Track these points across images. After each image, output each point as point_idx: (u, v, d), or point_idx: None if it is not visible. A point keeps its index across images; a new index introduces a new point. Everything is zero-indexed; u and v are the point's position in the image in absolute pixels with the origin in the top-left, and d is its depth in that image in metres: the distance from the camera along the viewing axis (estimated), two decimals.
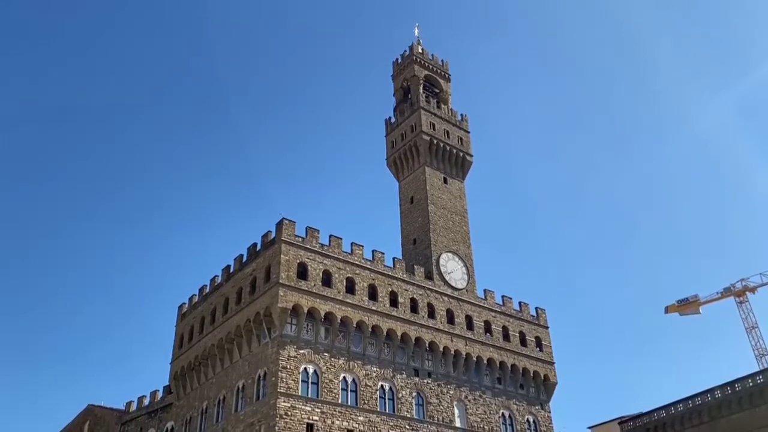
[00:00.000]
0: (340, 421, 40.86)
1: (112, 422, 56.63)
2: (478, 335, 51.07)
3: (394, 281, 47.96)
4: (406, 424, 44.00)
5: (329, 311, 43.13)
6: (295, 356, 41.09)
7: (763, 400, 38.32)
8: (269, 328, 42.02)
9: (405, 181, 60.05)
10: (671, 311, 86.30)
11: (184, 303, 54.58)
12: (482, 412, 48.91)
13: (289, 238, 43.57)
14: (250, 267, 45.73)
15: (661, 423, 43.25)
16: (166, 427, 50.77)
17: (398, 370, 45.74)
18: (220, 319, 47.19)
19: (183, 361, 50.63)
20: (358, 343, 44.49)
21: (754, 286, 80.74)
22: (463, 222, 57.82)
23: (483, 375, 50.46)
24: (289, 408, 39.08)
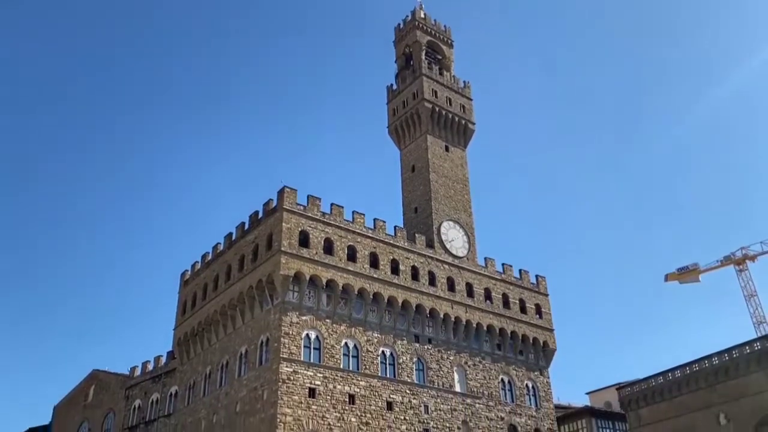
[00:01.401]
0: (341, 386, 41.52)
1: (117, 387, 57.60)
2: (479, 302, 51.51)
3: (396, 249, 48.20)
4: (407, 388, 44.70)
5: (331, 278, 43.47)
6: (298, 322, 41.57)
7: (759, 366, 38.82)
8: (271, 295, 42.42)
9: (407, 150, 59.84)
10: (671, 279, 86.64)
11: (186, 270, 55.01)
12: (482, 377, 49.61)
13: (290, 206, 43.67)
14: (252, 235, 45.94)
15: (659, 389, 43.86)
16: (169, 391, 51.64)
17: (399, 336, 46.28)
18: (222, 286, 47.61)
19: (186, 327, 51.25)
20: (360, 309, 44.93)
21: (754, 254, 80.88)
22: (464, 190, 57.80)
23: (483, 341, 51.05)
24: (292, 373, 39.68)
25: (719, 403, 39.84)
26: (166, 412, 50.84)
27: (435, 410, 45.36)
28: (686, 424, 41.78)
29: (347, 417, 40.77)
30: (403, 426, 43.12)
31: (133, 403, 54.59)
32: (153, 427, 51.35)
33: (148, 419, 52.43)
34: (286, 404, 38.56)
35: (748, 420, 38.27)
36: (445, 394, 46.60)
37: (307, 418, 39.01)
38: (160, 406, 51.90)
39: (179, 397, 50.24)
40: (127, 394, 55.59)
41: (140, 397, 54.27)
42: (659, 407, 43.38)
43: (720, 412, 39.64)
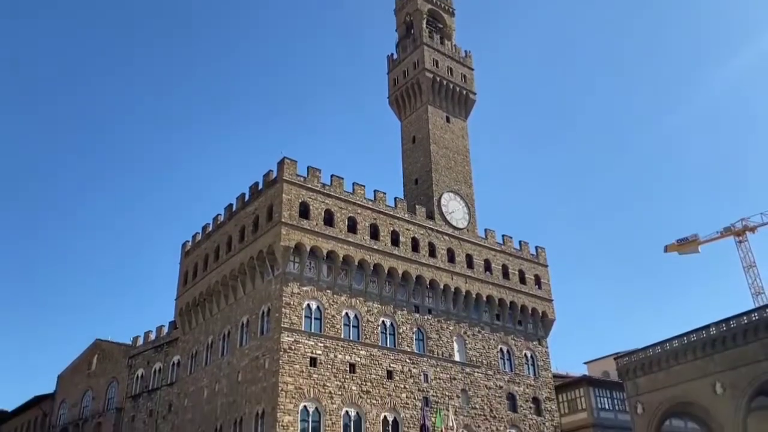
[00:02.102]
0: (342, 355, 41.98)
1: (120, 356, 58.23)
2: (478, 273, 51.78)
3: (396, 221, 48.26)
4: (407, 357, 45.20)
5: (331, 250, 43.63)
6: (298, 293, 41.84)
7: (756, 336, 39.14)
8: (272, 266, 42.62)
9: (407, 120, 59.48)
10: (670, 250, 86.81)
11: (187, 241, 55.19)
12: (481, 347, 50.12)
13: (290, 177, 43.61)
14: (252, 206, 45.97)
15: (656, 358, 44.29)
16: (172, 360, 52.22)
17: (399, 306, 46.63)
18: (223, 257, 47.81)
19: (188, 297, 51.60)
20: (360, 280, 45.19)
21: (755, 225, 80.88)
22: (464, 162, 57.63)
23: (482, 311, 51.45)
24: (293, 342, 40.09)
25: (716, 372, 40.29)
26: (168, 381, 51.49)
27: (434, 379, 45.93)
28: (683, 392, 42.32)
29: (348, 385, 41.31)
30: (403, 394, 43.71)
31: (136, 372, 55.26)
32: (156, 395, 52.08)
33: (150, 388, 53.14)
34: (288, 373, 39.03)
35: (744, 388, 38.75)
36: (445, 363, 47.14)
37: (308, 387, 39.53)
38: (163, 375, 52.55)
39: (182, 366, 50.85)
40: (129, 363, 56.23)
41: (143, 366, 54.90)
42: (656, 376, 43.88)
43: (716, 381, 40.11)
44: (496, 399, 48.84)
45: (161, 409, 50.82)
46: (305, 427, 38.66)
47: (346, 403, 40.80)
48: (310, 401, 39.33)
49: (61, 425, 61.13)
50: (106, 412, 56.30)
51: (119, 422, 54.12)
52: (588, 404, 53.21)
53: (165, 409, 50.35)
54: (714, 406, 40.73)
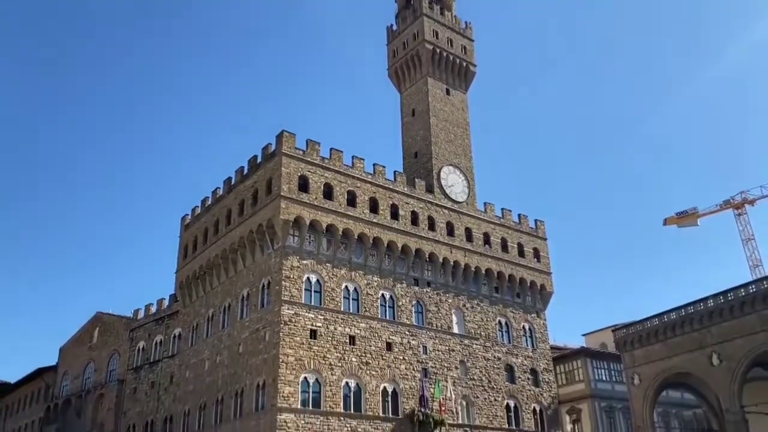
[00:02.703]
0: (342, 327, 42.29)
1: (121, 329, 58.64)
2: (477, 246, 51.90)
3: (395, 194, 48.21)
4: (406, 330, 45.54)
5: (331, 223, 43.66)
6: (298, 266, 41.98)
7: (753, 308, 39.34)
8: (272, 240, 42.68)
9: (407, 93, 59.00)
10: (669, 223, 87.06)
11: (186, 214, 55.18)
12: (479, 319, 50.47)
13: (289, 150, 43.42)
14: (251, 179, 45.86)
15: (653, 330, 44.61)
16: (173, 333, 52.60)
17: (398, 279, 46.83)
18: (223, 231, 47.85)
19: (188, 270, 51.77)
20: (360, 254, 45.30)
21: (754, 198, 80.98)
22: (464, 135, 57.32)
23: (481, 284, 51.69)
24: (293, 315, 40.35)
25: (712, 343, 40.61)
26: (170, 353, 51.94)
27: (433, 350, 46.34)
28: (679, 363, 42.72)
29: (348, 357, 41.70)
30: (402, 366, 44.14)
31: (137, 345, 55.70)
32: (157, 367, 52.56)
33: (152, 360, 53.61)
34: (288, 345, 39.36)
35: (740, 360, 39.12)
36: (444, 335, 47.52)
37: (308, 358, 39.90)
38: (164, 348, 52.98)
39: (183, 338, 51.23)
40: (131, 336, 56.65)
41: (144, 339, 55.32)
42: (654, 348, 44.26)
43: (713, 352, 40.45)
44: (494, 370, 49.34)
45: (163, 380, 51.35)
46: (306, 398, 39.13)
47: (346, 375, 41.23)
48: (310, 372, 39.74)
49: (63, 396, 61.83)
50: (108, 384, 56.89)
51: (121, 393, 54.73)
52: (585, 375, 53.76)
53: (167, 381, 50.87)
54: (710, 377, 41.16)
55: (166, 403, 50.09)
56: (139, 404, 52.83)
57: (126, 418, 53.65)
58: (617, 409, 53.26)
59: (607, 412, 53.17)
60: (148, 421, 51.40)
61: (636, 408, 45.15)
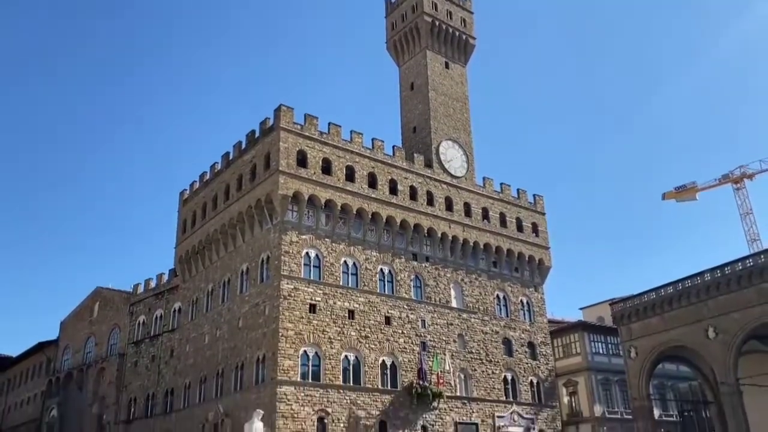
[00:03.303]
0: (341, 302, 42.52)
1: (121, 303, 58.90)
2: (476, 221, 51.93)
3: (394, 169, 48.07)
4: (405, 304, 45.80)
5: (329, 198, 43.60)
6: (297, 241, 42.03)
7: (750, 282, 39.49)
8: (271, 215, 42.66)
9: (405, 66, 58.43)
10: (668, 197, 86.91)
11: (185, 189, 55.05)
12: (478, 293, 50.73)
13: (287, 125, 43.16)
14: (250, 154, 45.66)
15: (650, 304, 44.84)
16: (173, 307, 52.86)
17: (397, 254, 46.94)
18: (221, 205, 47.79)
19: (187, 245, 51.83)
20: (359, 229, 45.33)
21: (753, 172, 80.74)
22: (463, 109, 56.92)
23: (479, 259, 51.84)
24: (293, 290, 40.52)
25: (709, 317, 40.84)
26: (170, 327, 52.25)
27: (432, 324, 46.66)
28: (675, 336, 43.04)
29: (347, 331, 41.99)
30: (401, 339, 44.48)
31: (138, 319, 56.01)
32: (158, 341, 52.93)
33: (152, 334, 53.97)
34: (288, 319, 39.61)
35: (736, 333, 39.40)
36: (442, 309, 47.81)
37: (308, 332, 40.19)
38: (164, 322, 53.29)
39: (183, 312, 51.49)
40: (131, 310, 56.92)
41: (144, 314, 55.61)
42: (650, 322, 44.55)
43: (709, 325, 40.70)
44: (492, 344, 49.75)
45: (163, 354, 51.75)
46: (305, 370, 39.49)
47: (346, 348, 41.57)
48: (310, 346, 40.05)
49: (65, 370, 62.35)
50: (109, 358, 57.34)
51: (122, 367, 55.21)
52: (582, 348, 54.29)
53: (167, 355, 51.27)
54: (706, 350, 41.51)
55: (167, 376, 50.54)
56: (140, 377, 53.31)
57: (127, 391, 54.19)
58: (613, 382, 53.90)
59: (604, 384, 53.81)
60: (149, 394, 51.93)
61: (632, 380, 45.63)
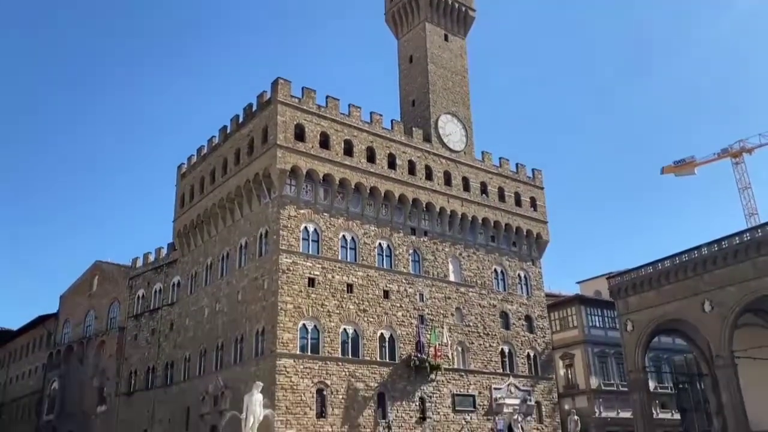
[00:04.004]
0: (340, 276, 42.69)
1: (120, 277, 59.08)
2: (474, 196, 51.90)
3: (392, 144, 47.86)
4: (403, 278, 46.00)
5: (328, 173, 43.48)
6: (296, 216, 42.03)
7: (747, 256, 39.61)
8: (269, 189, 42.59)
9: (404, 39, 57.77)
10: (667, 172, 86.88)
11: (183, 163, 54.85)
12: (476, 267, 50.92)
13: (285, 98, 42.84)
14: (247, 128, 45.40)
15: (647, 278, 45.02)
16: (172, 281, 53.03)
17: (396, 229, 46.99)
18: (219, 180, 47.67)
19: (185, 219, 51.81)
20: (357, 203, 45.30)
21: (752, 147, 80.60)
22: (463, 82, 56.44)
23: (477, 233, 51.93)
24: (291, 264, 40.64)
25: (705, 291, 41.04)
26: (169, 301, 52.50)
27: (430, 298, 46.93)
28: (672, 310, 43.30)
29: (346, 304, 42.24)
30: (399, 313, 44.78)
31: (137, 293, 56.23)
32: (157, 314, 53.22)
33: (152, 308, 54.23)
34: (287, 293, 39.80)
35: (732, 307, 39.65)
36: (440, 284, 48.04)
37: (307, 306, 40.42)
38: (164, 296, 53.52)
39: (182, 286, 51.68)
40: (130, 284, 57.13)
41: (143, 287, 55.81)
42: (647, 295, 44.80)
43: (705, 299, 40.94)
44: (489, 317, 50.10)
45: (163, 327, 52.08)
46: (304, 343, 39.82)
47: (344, 321, 41.86)
48: (308, 320, 40.33)
49: (65, 343, 62.80)
50: (109, 331, 57.72)
51: (122, 340, 55.59)
52: (579, 322, 54.74)
53: (167, 328, 51.60)
54: (702, 323, 41.80)
55: (167, 349, 50.94)
56: (140, 351, 53.73)
57: (127, 363, 54.65)
58: (610, 355, 54.46)
59: (600, 357, 54.39)
60: (150, 366, 52.38)
61: (628, 353, 46.06)
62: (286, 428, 37.07)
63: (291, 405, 37.79)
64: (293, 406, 37.86)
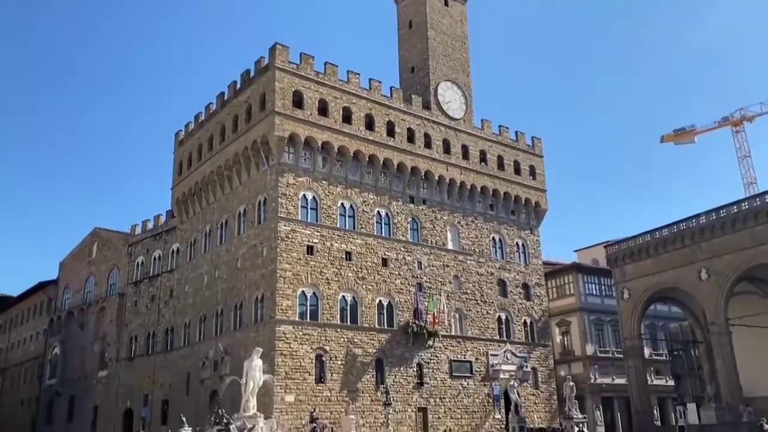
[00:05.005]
0: (338, 244, 42.82)
1: (119, 244, 59.21)
2: (473, 164, 51.74)
3: (391, 111, 47.51)
4: (401, 246, 46.15)
5: (326, 140, 43.26)
6: (294, 183, 41.96)
7: (744, 225, 39.74)
8: (267, 156, 42.42)
9: (404, 3, 56.86)
10: (667, 140, 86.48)
11: (180, 130, 54.48)
12: (474, 236, 51.06)
13: (282, 64, 42.36)
14: (245, 94, 45.00)
15: (645, 246, 45.24)
16: (171, 248, 53.17)
17: (394, 197, 46.97)
18: (217, 147, 47.43)
19: (184, 187, 51.70)
20: (356, 171, 45.17)
21: (753, 115, 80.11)
22: (462, 49, 55.75)
23: (476, 202, 51.93)
24: (290, 231, 40.72)
25: (702, 259, 41.30)
26: (168, 268, 52.70)
27: (428, 266, 47.15)
28: (668, 278, 43.64)
29: (344, 272, 42.46)
30: (398, 280, 45.04)
31: (136, 260, 56.42)
32: (157, 281, 53.49)
33: (151, 274, 54.47)
34: (286, 260, 39.97)
35: (729, 275, 39.96)
36: (438, 252, 48.22)
37: (306, 273, 40.63)
38: (163, 262, 53.70)
39: (181, 253, 51.83)
40: (129, 251, 57.29)
41: (143, 254, 55.99)
42: (644, 263, 45.08)
43: (702, 267, 41.23)
44: (487, 285, 50.43)
45: (163, 294, 52.40)
46: (303, 310, 40.17)
47: (343, 289, 42.14)
48: (307, 287, 40.59)
49: (66, 309, 63.26)
50: (109, 297, 58.10)
51: (122, 307, 55.98)
52: (576, 290, 55.10)
53: (166, 295, 51.92)
54: (698, 291, 42.16)
55: (167, 315, 51.33)
56: (140, 317, 54.15)
57: (128, 329, 55.15)
58: (606, 322, 54.99)
59: (596, 324, 54.93)
60: (150, 332, 52.87)
61: (624, 321, 46.56)
62: (285, 393, 37.64)
63: (290, 370, 38.27)
64: (293, 372, 38.35)
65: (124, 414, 52.62)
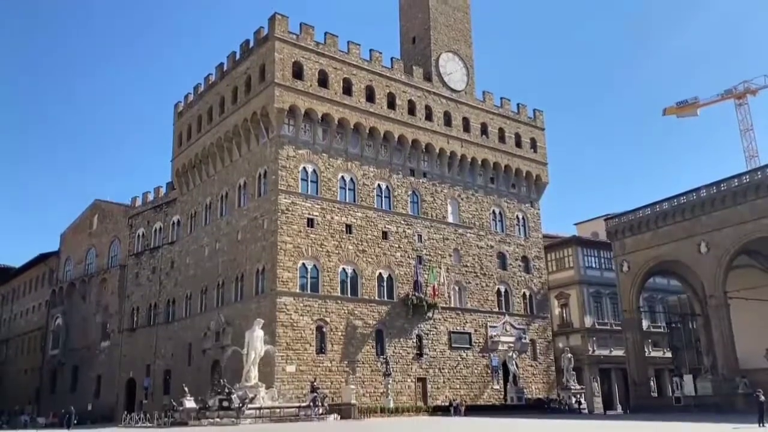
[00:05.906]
0: (339, 217, 42.84)
1: (120, 216, 59.27)
2: (474, 137, 51.49)
3: (392, 83, 47.11)
4: (401, 219, 46.18)
5: (326, 112, 42.98)
6: (294, 156, 41.80)
7: (744, 198, 39.68)
8: (267, 128, 42.19)
9: None
10: (669, 113, 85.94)
11: (179, 101, 54.09)
12: (474, 209, 51.05)
13: (282, 35, 41.87)
14: (244, 65, 44.57)
15: (645, 219, 45.26)
16: (171, 220, 53.21)
17: (395, 170, 46.83)
18: (217, 119, 47.15)
19: (184, 158, 51.52)
20: (356, 144, 44.97)
21: (756, 88, 79.47)
22: (464, 19, 55.04)
23: (477, 175, 51.80)
24: (290, 204, 40.71)
25: (702, 233, 41.35)
26: (169, 240, 52.81)
27: (428, 239, 47.24)
28: (668, 251, 43.76)
29: (344, 245, 42.56)
30: (398, 253, 45.17)
31: (137, 232, 56.51)
32: (158, 253, 53.64)
33: (152, 246, 54.61)
34: (286, 233, 40.03)
35: (728, 248, 40.05)
36: (438, 225, 48.27)
37: (306, 246, 40.73)
38: (164, 234, 53.80)
39: (182, 225, 51.89)
40: (130, 223, 57.35)
41: (143, 226, 56.06)
42: (644, 237, 45.15)
43: (701, 240, 41.31)
44: (486, 258, 50.58)
45: (164, 266, 52.59)
46: (304, 282, 40.36)
47: (343, 261, 42.28)
48: (308, 259, 40.72)
49: (68, 281, 63.59)
50: (111, 269, 58.34)
51: (123, 278, 56.24)
52: (575, 262, 55.27)
53: (167, 266, 52.11)
54: (697, 264, 42.32)
55: (168, 287, 51.60)
56: (142, 288, 54.45)
57: (129, 300, 55.49)
58: (605, 295, 55.29)
59: (595, 297, 55.22)
60: (151, 303, 53.20)
61: (624, 293, 46.82)
62: (286, 363, 38.01)
63: (291, 341, 38.61)
64: (293, 342, 38.69)
65: (127, 383, 53.26)
